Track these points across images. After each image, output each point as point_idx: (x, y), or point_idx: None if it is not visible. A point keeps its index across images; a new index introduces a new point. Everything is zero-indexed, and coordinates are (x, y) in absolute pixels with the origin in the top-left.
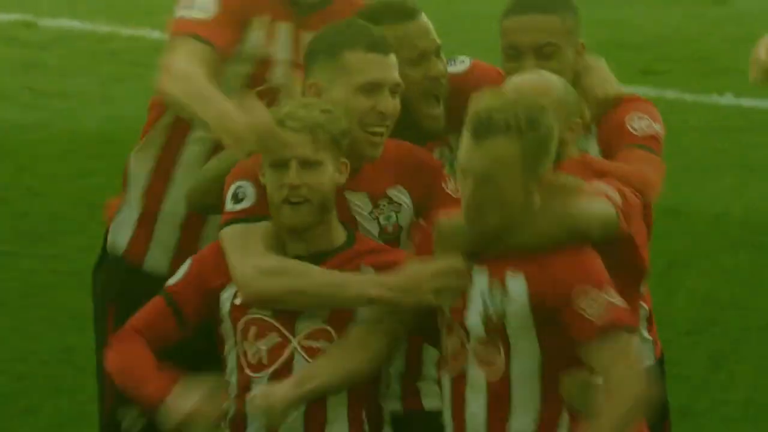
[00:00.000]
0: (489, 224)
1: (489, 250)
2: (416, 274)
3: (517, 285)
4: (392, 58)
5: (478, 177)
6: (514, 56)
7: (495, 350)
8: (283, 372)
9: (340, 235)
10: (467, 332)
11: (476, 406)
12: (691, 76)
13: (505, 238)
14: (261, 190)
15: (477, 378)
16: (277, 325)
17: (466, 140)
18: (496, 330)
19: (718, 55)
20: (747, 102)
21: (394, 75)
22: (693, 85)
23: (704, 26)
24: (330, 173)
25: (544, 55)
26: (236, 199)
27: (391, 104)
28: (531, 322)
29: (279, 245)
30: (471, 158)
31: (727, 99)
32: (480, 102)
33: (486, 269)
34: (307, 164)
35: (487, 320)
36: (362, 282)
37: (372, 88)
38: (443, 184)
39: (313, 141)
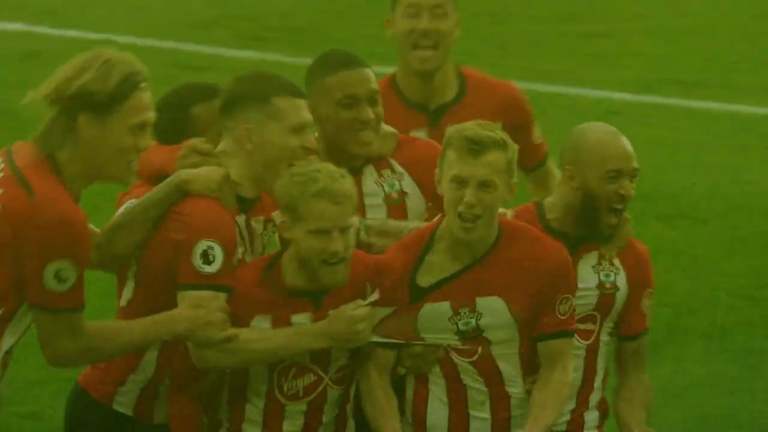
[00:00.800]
0: (480, 231)
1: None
2: (344, 322)
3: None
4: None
5: (480, 183)
6: (351, 105)
7: (474, 344)
8: (318, 401)
9: None
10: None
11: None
12: (286, 43)
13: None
14: (228, 252)
15: (459, 361)
16: (314, 367)
17: (460, 157)
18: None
19: (311, 26)
20: None
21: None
22: (289, 50)
23: (298, 3)
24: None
25: (374, 101)
26: (206, 260)
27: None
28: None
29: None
30: (471, 170)
31: None
32: (458, 128)
33: (449, 302)
34: (344, 230)
35: (461, 335)
36: (304, 336)
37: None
38: None
39: (349, 210)
